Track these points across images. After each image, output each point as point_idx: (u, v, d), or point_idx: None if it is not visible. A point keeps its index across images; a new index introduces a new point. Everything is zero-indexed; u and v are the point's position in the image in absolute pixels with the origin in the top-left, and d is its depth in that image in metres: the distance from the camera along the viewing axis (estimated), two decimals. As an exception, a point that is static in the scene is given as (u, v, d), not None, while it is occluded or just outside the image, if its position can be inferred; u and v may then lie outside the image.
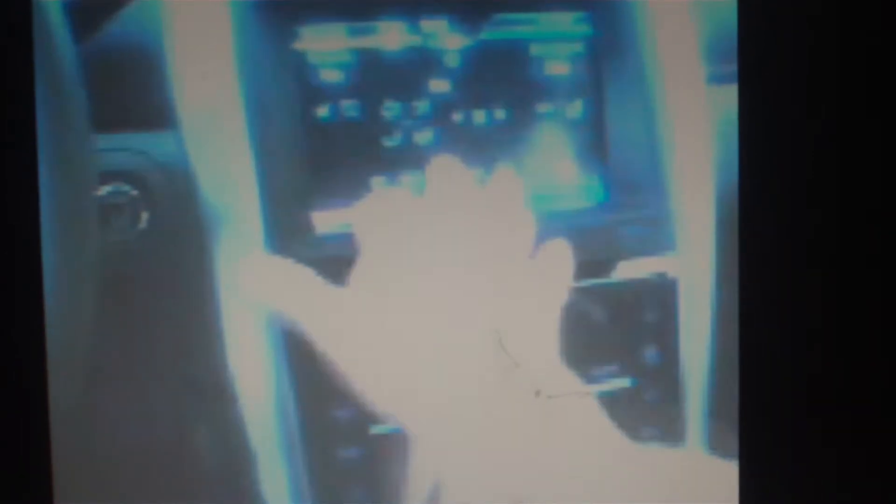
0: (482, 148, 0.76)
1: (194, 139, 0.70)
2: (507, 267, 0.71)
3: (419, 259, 0.71)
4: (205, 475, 0.72)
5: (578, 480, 0.69)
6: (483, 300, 0.71)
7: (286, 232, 0.72)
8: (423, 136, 0.75)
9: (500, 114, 0.76)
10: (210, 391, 0.72)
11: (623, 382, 0.79)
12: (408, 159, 0.75)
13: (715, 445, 0.80)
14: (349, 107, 0.74)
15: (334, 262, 0.72)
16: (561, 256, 0.74)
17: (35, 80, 0.64)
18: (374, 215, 0.70)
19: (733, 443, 0.80)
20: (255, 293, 0.70)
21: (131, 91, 0.69)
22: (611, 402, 0.78)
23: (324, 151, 0.73)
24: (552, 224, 0.77)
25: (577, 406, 0.74)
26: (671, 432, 0.80)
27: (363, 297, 0.69)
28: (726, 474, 0.79)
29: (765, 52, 0.79)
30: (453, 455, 0.63)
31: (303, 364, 0.73)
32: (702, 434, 0.81)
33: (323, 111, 0.73)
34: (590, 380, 0.78)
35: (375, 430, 0.73)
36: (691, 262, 0.80)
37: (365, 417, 0.73)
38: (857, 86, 0.81)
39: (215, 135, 0.71)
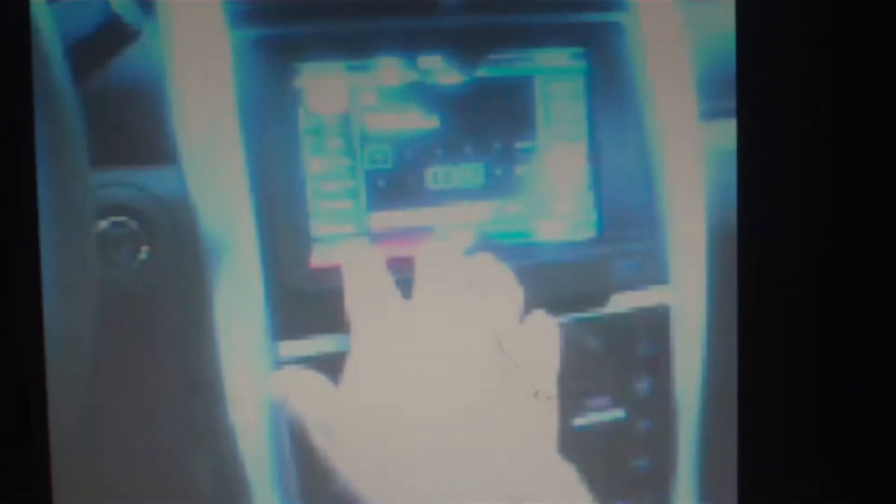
0: (477, 181, 0.77)
1: (194, 174, 0.71)
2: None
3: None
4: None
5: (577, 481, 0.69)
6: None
7: (284, 266, 0.73)
8: (419, 173, 0.76)
9: (495, 149, 0.77)
10: (206, 422, 0.72)
11: (616, 414, 0.80)
12: (404, 196, 0.76)
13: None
14: (347, 144, 0.74)
15: (331, 295, 0.73)
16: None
17: (35, 98, 0.64)
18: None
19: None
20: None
21: (132, 128, 0.70)
22: (602, 433, 0.79)
23: (321, 187, 0.74)
24: (544, 257, 0.78)
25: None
26: (662, 465, 0.81)
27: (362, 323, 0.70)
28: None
29: (762, 84, 0.80)
30: (452, 456, 0.63)
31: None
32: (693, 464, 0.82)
33: (321, 148, 0.74)
34: (582, 411, 0.79)
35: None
36: (685, 295, 0.81)
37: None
38: (856, 114, 0.81)
39: (215, 170, 0.71)
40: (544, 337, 0.70)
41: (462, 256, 0.69)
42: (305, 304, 0.73)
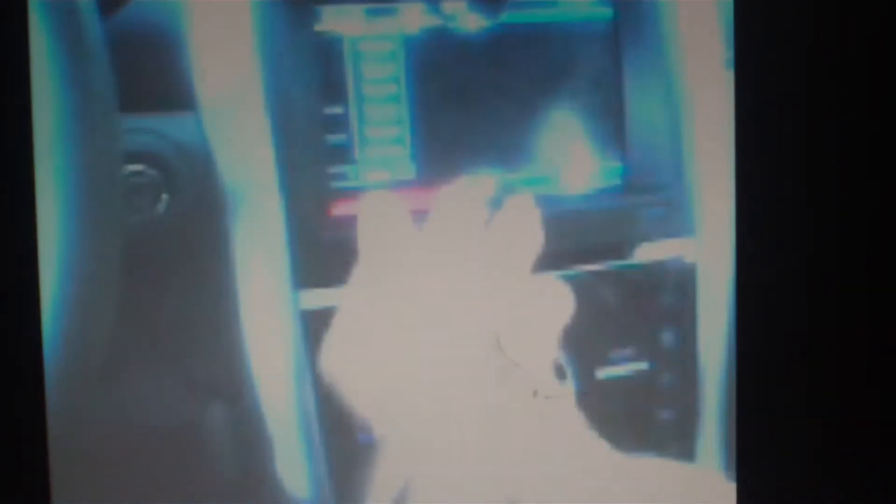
0: (502, 130, 0.76)
1: (214, 121, 0.70)
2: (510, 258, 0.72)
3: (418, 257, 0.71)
4: (221, 458, 0.73)
5: (575, 482, 0.69)
6: (486, 294, 0.72)
7: (305, 214, 0.72)
8: (443, 120, 0.74)
9: (520, 96, 0.76)
10: (227, 375, 0.72)
11: (640, 366, 0.79)
12: (428, 143, 0.74)
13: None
14: (368, 88, 0.73)
15: (352, 244, 0.72)
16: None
17: (32, 70, 0.64)
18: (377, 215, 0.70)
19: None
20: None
21: (152, 71, 0.69)
22: (626, 385, 0.79)
23: (342, 133, 0.73)
24: (569, 206, 0.77)
25: (576, 406, 0.75)
26: (687, 416, 0.80)
27: (361, 293, 0.70)
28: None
29: (763, 37, 0.79)
30: (450, 455, 0.63)
31: (320, 344, 0.73)
32: (716, 421, 0.81)
33: (342, 93, 0.73)
34: (605, 363, 0.78)
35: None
36: (710, 246, 0.80)
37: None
38: (860, 68, 0.80)
39: (235, 116, 0.70)
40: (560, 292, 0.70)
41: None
42: (326, 253, 0.72)
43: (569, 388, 0.73)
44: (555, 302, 0.72)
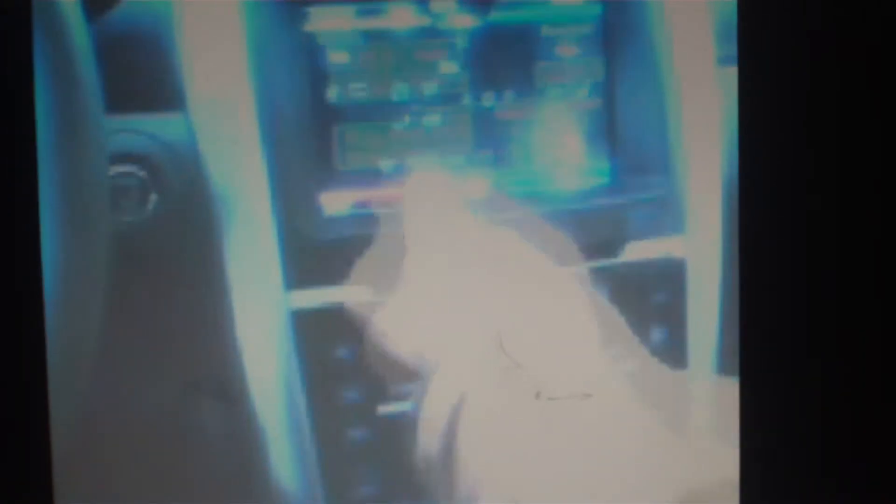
0: (490, 130, 0.76)
1: (203, 121, 0.70)
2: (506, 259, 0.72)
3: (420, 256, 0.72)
4: (212, 457, 0.73)
5: (578, 481, 0.69)
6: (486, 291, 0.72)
7: (295, 214, 0.72)
8: (432, 119, 0.75)
9: (508, 95, 0.76)
10: (221, 375, 0.72)
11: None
12: (416, 142, 0.74)
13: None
14: (358, 89, 0.73)
15: (343, 243, 0.72)
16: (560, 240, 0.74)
17: (35, 69, 0.64)
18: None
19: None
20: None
21: (140, 72, 0.69)
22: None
23: (333, 134, 0.73)
24: (558, 206, 0.77)
25: (579, 407, 0.75)
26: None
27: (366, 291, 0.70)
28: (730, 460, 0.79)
29: (767, 34, 0.79)
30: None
31: (311, 345, 0.73)
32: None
33: (332, 94, 0.73)
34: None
35: (384, 410, 0.74)
36: (700, 244, 0.80)
37: (373, 397, 0.74)
38: (861, 65, 0.80)
39: (224, 116, 0.71)
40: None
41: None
42: (318, 254, 0.73)
43: (571, 390, 0.73)
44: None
